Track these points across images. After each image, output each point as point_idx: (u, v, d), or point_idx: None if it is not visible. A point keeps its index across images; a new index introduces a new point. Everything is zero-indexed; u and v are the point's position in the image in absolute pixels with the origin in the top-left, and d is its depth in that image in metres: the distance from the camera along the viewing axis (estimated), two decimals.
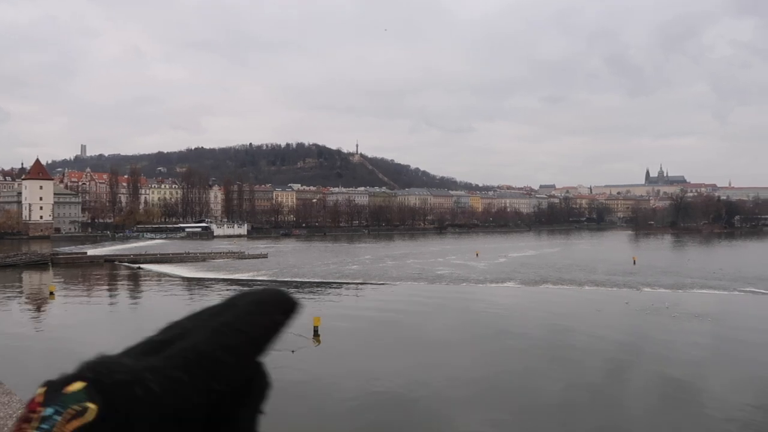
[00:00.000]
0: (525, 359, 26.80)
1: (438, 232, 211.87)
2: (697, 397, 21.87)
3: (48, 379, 0.66)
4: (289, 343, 28.88)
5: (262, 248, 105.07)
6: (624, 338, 31.96)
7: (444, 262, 79.90)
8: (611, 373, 25.10)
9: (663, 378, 24.30)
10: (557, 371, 24.98)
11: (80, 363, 0.66)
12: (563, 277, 60.01)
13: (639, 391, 22.71)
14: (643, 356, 28.05)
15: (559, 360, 26.93)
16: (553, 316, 38.60)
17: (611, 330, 33.91)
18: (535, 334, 32.42)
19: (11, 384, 16.48)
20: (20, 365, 25.82)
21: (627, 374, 25.14)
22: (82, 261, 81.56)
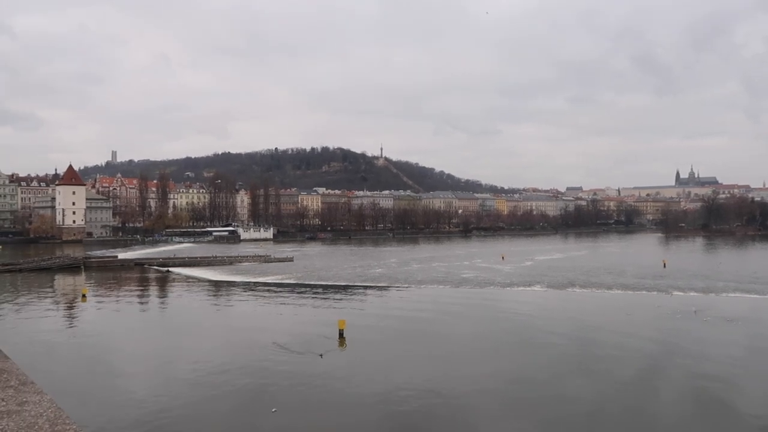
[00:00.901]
0: (552, 366, 26.44)
1: (463, 235, 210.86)
2: (731, 405, 21.28)
3: None
4: (316, 346, 29.10)
5: (288, 252, 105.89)
6: (655, 344, 31.35)
7: (469, 266, 79.48)
8: (642, 380, 24.59)
9: (695, 385, 23.77)
10: (586, 379, 24.62)
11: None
12: (591, 281, 59.18)
13: (671, 400, 22.25)
14: (675, 363, 27.46)
15: (588, 367, 26.52)
16: (581, 320, 38.09)
17: (641, 335, 33.28)
18: (563, 340, 32.01)
19: (42, 384, 16.89)
20: (52, 366, 26.49)
21: (658, 382, 24.60)
22: (113, 264, 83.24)
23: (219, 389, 22.82)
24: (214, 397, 21.95)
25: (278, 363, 26.52)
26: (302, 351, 28.37)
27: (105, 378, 24.97)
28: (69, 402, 20.48)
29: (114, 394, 22.35)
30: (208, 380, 24.06)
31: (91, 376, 25.19)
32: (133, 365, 27.81)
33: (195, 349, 30.49)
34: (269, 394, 22.02)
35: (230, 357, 28.11)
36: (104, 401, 21.47)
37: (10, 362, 2.58)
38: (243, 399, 21.70)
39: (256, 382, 23.72)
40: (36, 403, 1.97)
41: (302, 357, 27.40)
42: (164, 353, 30.11)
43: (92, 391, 22.77)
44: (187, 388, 23.10)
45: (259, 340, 31.48)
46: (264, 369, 25.62)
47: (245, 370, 25.59)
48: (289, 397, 21.67)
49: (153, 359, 28.86)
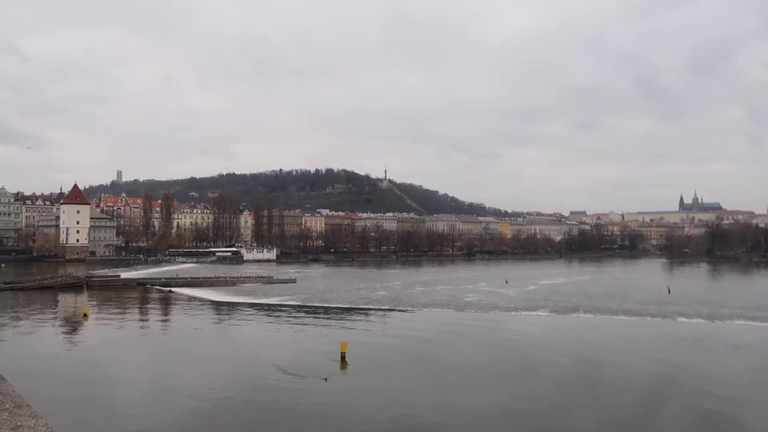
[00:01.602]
0: (556, 392, 26.13)
1: (467, 258, 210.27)
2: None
3: None
4: (318, 369, 28.82)
5: (291, 273, 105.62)
6: (660, 372, 30.95)
7: (473, 289, 79.09)
8: (647, 410, 24.22)
9: (702, 415, 23.39)
10: (589, 405, 24.29)
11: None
12: (595, 306, 58.75)
13: (676, 429, 21.88)
14: (681, 391, 27.08)
15: (592, 393, 26.18)
16: (585, 346, 37.71)
17: (646, 361, 32.92)
18: (567, 365, 31.67)
19: (38, 406, 16.58)
20: (50, 388, 26.24)
21: (663, 410, 24.22)
22: (116, 284, 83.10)
23: (219, 414, 22.55)
24: (214, 422, 21.67)
25: (279, 387, 26.25)
26: (304, 374, 28.08)
27: (103, 401, 24.71)
28: (64, 426, 20.26)
29: (111, 418, 22.09)
30: (209, 403, 23.79)
31: (89, 400, 24.92)
32: (132, 388, 27.54)
33: (196, 372, 30.23)
34: (270, 420, 21.75)
35: (231, 380, 27.84)
36: (101, 426, 21.21)
37: (6, 384, 2.57)
38: (244, 425, 21.41)
39: (257, 407, 23.44)
40: (30, 428, 1.92)
41: (304, 380, 27.11)
42: (164, 376, 29.86)
43: (89, 415, 22.50)
44: (186, 413, 22.83)
45: (260, 363, 31.21)
46: (265, 393, 25.35)
47: (246, 394, 25.31)
48: (291, 422, 21.39)
49: (152, 382, 28.62)
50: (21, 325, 46.16)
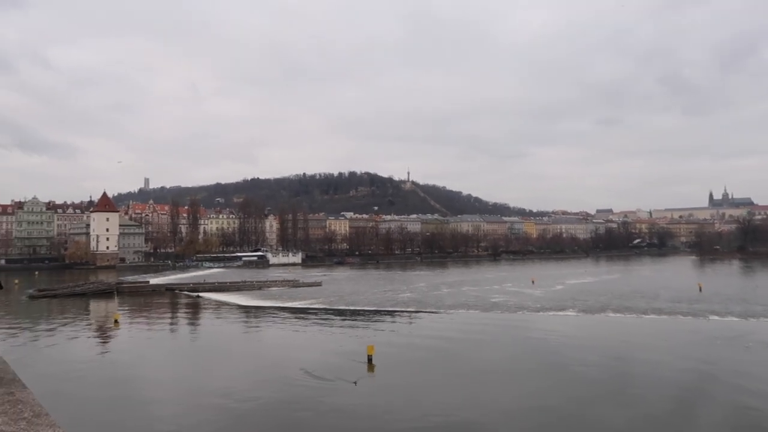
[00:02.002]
0: (586, 395, 25.74)
1: (492, 259, 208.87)
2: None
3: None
4: (345, 372, 28.92)
5: (316, 276, 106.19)
6: (693, 371, 30.28)
7: (499, 290, 78.55)
8: (680, 405, 23.80)
9: (737, 415, 22.82)
10: (621, 404, 23.91)
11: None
12: (624, 305, 57.86)
13: (711, 426, 21.43)
14: (715, 392, 26.45)
15: (623, 392, 25.79)
16: (615, 346, 37.15)
17: (678, 360, 32.30)
18: (596, 367, 31.22)
19: (61, 415, 17.04)
20: (77, 394, 26.82)
21: (698, 407, 23.75)
22: (145, 290, 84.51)
23: (248, 416, 22.77)
24: (243, 424, 21.89)
25: (307, 390, 26.40)
26: (331, 377, 28.21)
27: (134, 403, 25.10)
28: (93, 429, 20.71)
29: (143, 419, 22.46)
30: (238, 405, 24.04)
31: (118, 407, 25.32)
32: (162, 391, 27.96)
33: (225, 375, 30.58)
34: (299, 422, 21.89)
35: (260, 383, 28.11)
36: (132, 426, 21.57)
37: (27, 392, 2.60)
38: (274, 427, 21.59)
39: (286, 409, 23.62)
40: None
41: (331, 384, 27.24)
42: (193, 380, 30.23)
43: (115, 424, 22.87)
44: (216, 415, 23.08)
45: (288, 366, 31.43)
46: (294, 395, 25.52)
47: (275, 397, 25.53)
48: (319, 425, 21.50)
49: (182, 385, 29.01)
50: (55, 332, 47.21)
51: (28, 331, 47.17)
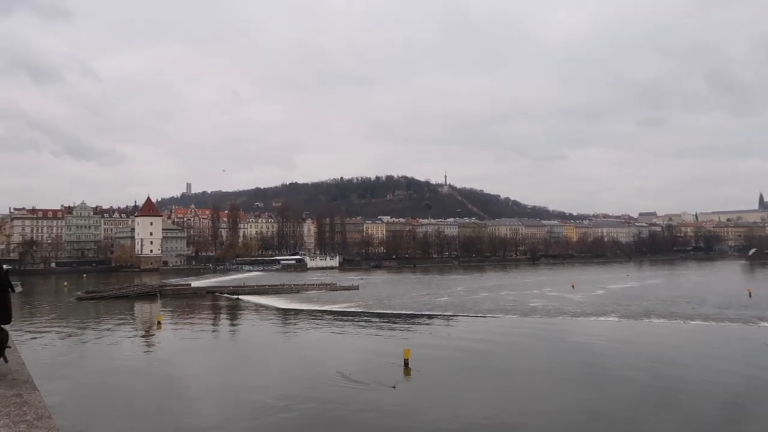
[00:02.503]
0: (629, 403, 24.97)
1: (531, 263, 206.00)
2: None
3: None
4: (382, 375, 28.90)
5: (353, 280, 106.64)
6: (742, 380, 29.12)
7: (538, 294, 77.33)
8: (728, 419, 22.89)
9: None
10: (667, 413, 23.15)
11: None
12: (669, 311, 56.17)
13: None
14: (765, 398, 25.42)
15: (667, 404, 24.94)
16: (660, 353, 36.02)
17: (727, 370, 31.08)
18: (640, 374, 30.31)
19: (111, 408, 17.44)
20: (130, 385, 27.50)
21: (745, 417, 22.83)
22: (187, 292, 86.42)
23: (284, 419, 22.95)
24: (281, 426, 22.08)
25: (343, 393, 26.47)
26: (367, 381, 28.21)
27: (172, 404, 25.61)
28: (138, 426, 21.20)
29: (183, 416, 22.90)
30: (276, 407, 24.26)
31: (160, 403, 25.89)
32: (201, 391, 28.47)
33: (261, 377, 30.93)
34: (334, 423, 21.96)
35: (296, 385, 28.31)
36: (173, 423, 22.01)
37: (36, 394, 2.69)
38: (310, 429, 21.72)
39: (322, 413, 23.73)
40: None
41: (367, 387, 27.24)
42: (232, 380, 30.65)
43: (157, 418, 23.37)
44: (251, 416, 23.35)
45: (325, 369, 31.59)
46: (330, 399, 25.61)
47: (311, 400, 25.64)
48: (354, 427, 21.53)
49: (221, 385, 29.47)
50: (101, 333, 48.68)
51: (76, 332, 48.80)
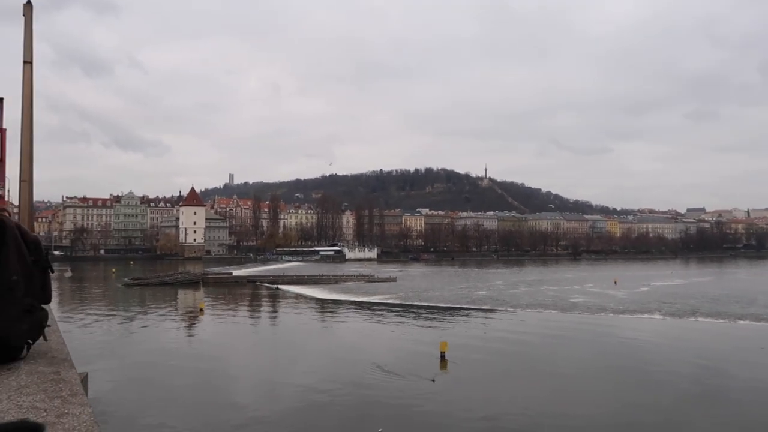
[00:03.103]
0: (672, 405, 24.19)
1: (572, 258, 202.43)
2: None
3: None
4: (418, 367, 28.89)
5: (391, 272, 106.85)
6: None
7: (579, 290, 75.90)
8: None
9: None
10: (711, 421, 22.40)
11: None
12: (717, 310, 54.28)
13: None
14: None
15: (714, 407, 24.10)
16: (706, 353, 34.84)
17: None
18: (685, 375, 29.37)
19: (150, 393, 17.88)
20: (166, 375, 28.24)
21: None
22: (228, 281, 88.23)
23: (320, 408, 23.17)
24: (319, 414, 22.31)
25: (380, 384, 26.55)
26: (403, 373, 28.20)
27: (211, 390, 26.18)
28: (180, 413, 21.75)
29: (221, 406, 23.39)
30: (314, 396, 24.53)
31: (199, 388, 26.47)
32: (239, 378, 29.00)
33: (299, 366, 31.24)
34: (373, 415, 22.06)
35: (333, 375, 28.53)
36: (212, 410, 22.49)
37: (72, 372, 2.78)
38: (348, 418, 21.89)
39: (360, 402, 23.88)
40: (75, 416, 2.09)
41: (403, 379, 27.25)
42: (269, 369, 31.10)
43: (201, 400, 23.91)
44: (288, 404, 23.65)
45: (362, 360, 31.73)
46: (367, 389, 25.74)
47: (349, 389, 25.83)
48: (393, 420, 21.58)
49: (259, 373, 29.93)
50: (146, 318, 50.21)
51: (123, 316, 50.45)
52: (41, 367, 2.79)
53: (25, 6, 9.78)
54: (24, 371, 2.69)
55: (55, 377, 2.61)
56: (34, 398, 2.28)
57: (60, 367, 2.81)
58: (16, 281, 2.79)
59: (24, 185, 9.35)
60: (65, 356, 3.10)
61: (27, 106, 9.42)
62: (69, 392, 2.39)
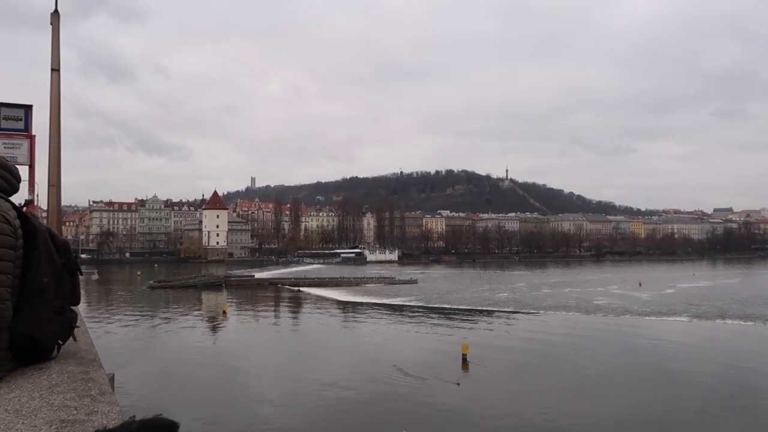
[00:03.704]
0: (701, 408, 23.70)
1: (595, 259, 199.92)
2: None
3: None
4: (440, 369, 28.81)
5: (412, 274, 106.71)
6: None
7: (603, 292, 74.94)
8: None
9: None
10: (740, 418, 21.97)
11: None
12: (746, 312, 53.16)
13: None
14: None
15: (742, 411, 23.60)
16: (734, 357, 34.12)
17: None
18: (713, 378, 28.83)
19: (174, 392, 18.05)
20: (189, 377, 28.57)
21: None
22: (251, 283, 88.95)
23: (340, 410, 23.23)
24: (340, 415, 22.39)
25: (402, 385, 26.53)
26: (425, 375, 28.16)
27: (233, 391, 26.40)
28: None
29: (242, 404, 23.58)
30: (330, 399, 24.61)
31: (221, 389, 26.71)
32: (261, 379, 29.22)
33: (320, 368, 31.32)
34: (396, 417, 22.05)
35: (354, 377, 28.58)
36: (233, 409, 22.72)
37: (101, 372, 2.85)
38: (371, 419, 21.92)
39: (382, 402, 23.89)
40: (104, 414, 2.16)
41: (424, 383, 27.17)
42: (291, 371, 31.22)
43: (216, 402, 24.13)
44: (310, 406, 23.75)
45: (383, 361, 31.77)
46: (389, 390, 25.73)
47: (371, 389, 25.87)
48: (415, 420, 21.55)
49: (281, 374, 30.11)
50: (171, 320, 50.88)
51: (148, 318, 51.20)
52: (71, 366, 2.86)
53: (52, 15, 10.02)
54: (55, 371, 2.75)
55: (84, 377, 2.68)
56: (64, 396, 2.33)
57: (89, 366, 2.89)
58: (46, 283, 2.86)
59: (53, 190, 9.58)
60: (94, 356, 3.18)
61: (55, 113, 9.65)
62: (98, 391, 2.43)
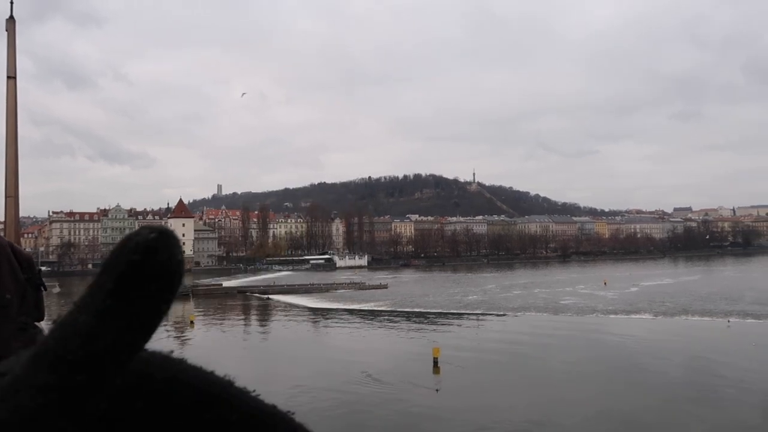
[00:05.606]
0: (667, 404, 24.19)
1: (561, 260, 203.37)
2: None
3: None
4: (411, 374, 28.84)
5: (382, 279, 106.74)
6: None
7: (570, 292, 76.23)
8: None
9: None
10: (703, 412, 22.55)
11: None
12: (706, 308, 54.74)
13: None
14: None
15: (707, 405, 24.19)
16: (697, 352, 35.02)
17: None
18: (678, 374, 29.54)
19: None
20: None
21: None
22: (218, 292, 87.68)
23: (317, 419, 23.03)
24: (313, 425, 22.18)
25: (373, 392, 26.46)
26: (396, 380, 28.15)
27: None
28: None
29: None
30: (301, 406, 24.40)
31: None
32: None
33: (290, 376, 31.00)
34: (367, 423, 21.97)
35: (326, 385, 28.36)
36: None
37: None
38: (344, 426, 21.78)
39: (352, 410, 23.77)
40: None
41: (396, 386, 27.17)
42: (260, 380, 30.88)
43: None
44: None
45: (354, 367, 31.62)
46: (360, 397, 25.63)
47: (341, 397, 25.71)
48: (388, 426, 21.50)
49: (248, 384, 29.70)
50: None
51: None
52: None
53: (8, 21, 9.73)
54: None
55: None
56: None
57: None
58: (9, 300, 2.76)
59: (10, 201, 9.26)
60: None
61: (12, 121, 9.35)
62: None
